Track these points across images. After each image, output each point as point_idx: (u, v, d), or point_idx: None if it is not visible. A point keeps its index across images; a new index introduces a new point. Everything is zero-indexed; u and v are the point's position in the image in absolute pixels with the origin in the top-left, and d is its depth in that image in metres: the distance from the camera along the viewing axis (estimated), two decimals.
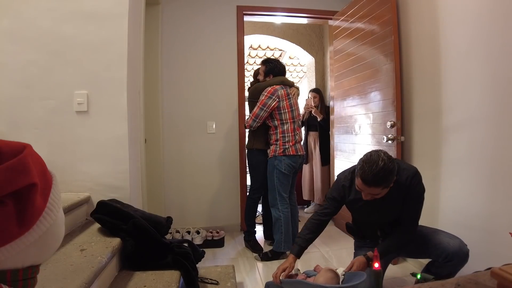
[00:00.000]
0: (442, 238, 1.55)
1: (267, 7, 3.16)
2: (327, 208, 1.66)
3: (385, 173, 1.36)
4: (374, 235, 1.69)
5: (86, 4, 1.66)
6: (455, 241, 1.50)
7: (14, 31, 1.64)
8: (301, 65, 5.71)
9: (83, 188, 1.67)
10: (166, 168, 2.95)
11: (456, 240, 1.51)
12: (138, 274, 1.37)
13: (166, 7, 2.95)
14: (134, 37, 1.85)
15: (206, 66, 3.06)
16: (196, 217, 3.04)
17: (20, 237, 0.44)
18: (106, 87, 1.68)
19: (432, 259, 1.60)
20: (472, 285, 0.69)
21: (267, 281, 1.72)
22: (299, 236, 1.66)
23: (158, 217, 1.64)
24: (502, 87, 1.57)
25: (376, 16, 2.43)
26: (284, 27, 4.20)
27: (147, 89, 2.50)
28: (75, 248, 1.25)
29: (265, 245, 2.74)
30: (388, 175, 1.37)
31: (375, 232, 1.68)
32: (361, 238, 1.81)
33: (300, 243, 1.63)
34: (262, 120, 2.48)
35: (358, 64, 2.71)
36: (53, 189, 0.50)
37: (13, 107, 1.65)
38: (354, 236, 1.87)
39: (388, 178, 1.38)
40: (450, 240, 1.52)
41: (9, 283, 0.45)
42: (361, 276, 1.40)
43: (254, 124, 2.49)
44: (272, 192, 2.47)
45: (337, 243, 2.78)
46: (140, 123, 2.06)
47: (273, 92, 2.43)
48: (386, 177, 1.37)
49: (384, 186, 1.40)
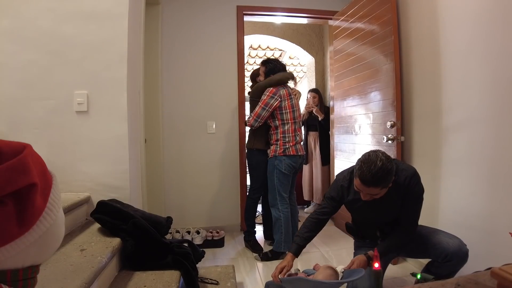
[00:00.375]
0: (441, 238, 1.55)
1: (267, 7, 3.16)
2: (326, 208, 1.66)
3: (384, 173, 1.36)
4: (374, 235, 1.70)
5: (86, 4, 1.66)
6: (455, 241, 1.51)
7: (14, 31, 1.64)
8: (301, 65, 5.71)
9: (83, 188, 1.67)
10: (166, 168, 2.95)
11: (455, 240, 1.51)
12: (138, 274, 1.37)
13: (166, 7, 2.95)
14: (134, 37, 1.85)
15: (206, 66, 3.06)
16: (196, 217, 3.04)
17: (20, 237, 0.44)
18: (106, 87, 1.68)
19: (432, 259, 1.60)
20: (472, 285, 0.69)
21: (267, 281, 1.72)
22: (297, 235, 1.66)
23: (158, 217, 1.64)
24: (502, 87, 1.57)
25: (376, 16, 2.43)
26: (284, 27, 4.20)
27: (147, 89, 2.50)
28: (75, 248, 1.25)
29: (265, 245, 2.74)
30: (386, 175, 1.37)
31: (374, 232, 1.68)
32: (360, 238, 1.81)
33: (298, 242, 1.63)
34: (264, 120, 2.48)
35: (358, 64, 2.71)
36: (53, 189, 0.50)
37: (13, 107, 1.65)
38: (354, 236, 1.88)
39: (387, 178, 1.38)
40: (449, 240, 1.52)
41: (9, 283, 0.45)
42: (360, 272, 1.41)
43: (255, 124, 2.49)
44: (272, 192, 2.47)
45: (337, 243, 2.78)
46: (140, 123, 2.06)
47: (275, 92, 2.44)
48: (385, 177, 1.37)
49: (382, 186, 1.40)
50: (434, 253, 1.54)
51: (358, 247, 1.82)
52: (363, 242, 1.79)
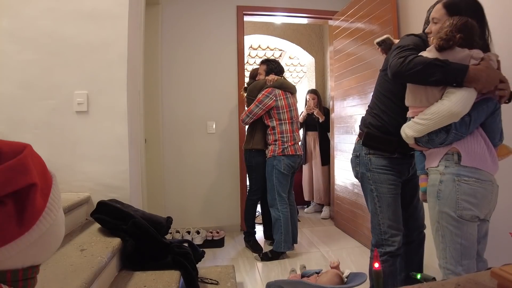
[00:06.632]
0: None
1: (267, 7, 3.16)
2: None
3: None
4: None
5: (86, 4, 1.66)
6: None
7: (14, 31, 1.64)
8: (301, 65, 5.71)
9: (83, 188, 1.67)
10: (166, 168, 2.96)
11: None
12: (138, 274, 1.37)
13: (166, 7, 2.95)
14: (134, 37, 1.85)
15: (206, 66, 3.06)
16: (196, 217, 3.04)
17: (20, 237, 0.44)
18: (106, 87, 1.68)
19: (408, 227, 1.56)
20: (472, 285, 0.69)
21: (268, 282, 1.72)
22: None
23: (158, 217, 1.64)
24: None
25: (376, 16, 2.43)
26: (284, 27, 4.20)
27: (147, 89, 2.50)
28: (75, 248, 1.25)
29: (265, 245, 2.74)
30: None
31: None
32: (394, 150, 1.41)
33: None
34: (256, 117, 2.49)
35: (358, 64, 2.71)
36: (53, 189, 0.50)
37: (13, 107, 1.65)
38: (385, 147, 1.44)
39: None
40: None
41: (9, 283, 0.45)
42: (362, 277, 1.41)
43: (247, 120, 2.52)
44: (271, 192, 2.47)
45: (337, 243, 2.78)
46: (140, 123, 2.06)
47: (270, 91, 2.46)
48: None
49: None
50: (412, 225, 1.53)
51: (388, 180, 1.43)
52: (389, 160, 1.43)
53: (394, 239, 1.41)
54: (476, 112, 1.12)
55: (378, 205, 1.44)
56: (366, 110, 1.55)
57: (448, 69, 1.09)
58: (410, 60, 1.15)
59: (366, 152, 1.46)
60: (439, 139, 1.17)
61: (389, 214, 1.42)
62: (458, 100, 1.09)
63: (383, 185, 1.42)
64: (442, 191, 1.16)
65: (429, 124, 1.15)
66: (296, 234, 2.57)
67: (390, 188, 1.42)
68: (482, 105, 1.13)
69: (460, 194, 1.12)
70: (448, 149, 1.17)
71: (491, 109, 1.13)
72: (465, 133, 1.14)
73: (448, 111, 1.09)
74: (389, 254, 1.42)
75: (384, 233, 1.43)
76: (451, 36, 1.09)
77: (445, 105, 1.10)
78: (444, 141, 1.16)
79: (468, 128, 1.13)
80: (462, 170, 1.12)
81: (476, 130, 1.15)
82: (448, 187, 1.14)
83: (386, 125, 1.39)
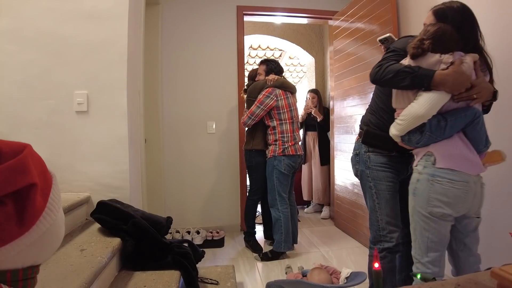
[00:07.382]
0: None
1: (267, 7, 3.16)
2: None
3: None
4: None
5: (86, 4, 1.66)
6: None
7: (14, 31, 1.64)
8: (301, 65, 5.71)
9: (83, 188, 1.67)
10: (166, 168, 2.95)
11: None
12: (138, 274, 1.37)
13: (166, 7, 2.95)
14: (134, 37, 1.85)
15: (206, 66, 3.06)
16: (196, 217, 3.04)
17: (20, 237, 0.44)
18: (106, 87, 1.68)
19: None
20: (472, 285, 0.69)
21: (268, 282, 1.72)
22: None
23: (158, 217, 1.64)
24: (502, 87, 1.56)
25: (376, 16, 2.43)
26: (284, 27, 4.20)
27: (147, 89, 2.50)
28: (75, 248, 1.25)
29: (265, 245, 2.74)
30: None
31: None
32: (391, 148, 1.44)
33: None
34: (258, 118, 2.49)
35: (358, 64, 2.71)
36: (53, 189, 0.50)
37: (13, 107, 1.65)
38: (383, 145, 1.47)
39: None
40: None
41: (9, 283, 0.45)
42: (362, 276, 1.41)
43: (249, 122, 2.51)
44: (271, 193, 2.47)
45: (337, 243, 2.78)
46: (140, 123, 2.06)
47: (271, 91, 2.46)
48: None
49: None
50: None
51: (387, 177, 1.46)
52: (388, 157, 1.46)
53: (392, 235, 1.44)
54: (454, 118, 1.18)
55: (376, 201, 1.47)
56: (366, 109, 1.57)
57: (416, 75, 1.18)
58: (385, 68, 1.26)
59: (366, 150, 1.50)
60: (414, 138, 1.24)
61: (388, 210, 1.45)
62: (424, 102, 1.17)
63: (382, 182, 1.45)
64: (418, 189, 1.23)
65: (404, 124, 1.23)
66: (296, 234, 2.57)
67: (388, 185, 1.45)
68: (460, 113, 1.19)
69: (432, 193, 1.19)
70: (427, 150, 1.24)
71: (469, 118, 1.19)
72: (440, 136, 1.20)
73: (415, 112, 1.19)
74: (387, 250, 1.45)
75: (382, 229, 1.45)
76: (419, 44, 1.18)
77: (413, 107, 1.20)
78: (419, 141, 1.23)
79: (443, 132, 1.19)
80: (437, 171, 1.19)
81: (456, 134, 1.21)
82: (422, 185, 1.22)
83: (386, 123, 1.41)
